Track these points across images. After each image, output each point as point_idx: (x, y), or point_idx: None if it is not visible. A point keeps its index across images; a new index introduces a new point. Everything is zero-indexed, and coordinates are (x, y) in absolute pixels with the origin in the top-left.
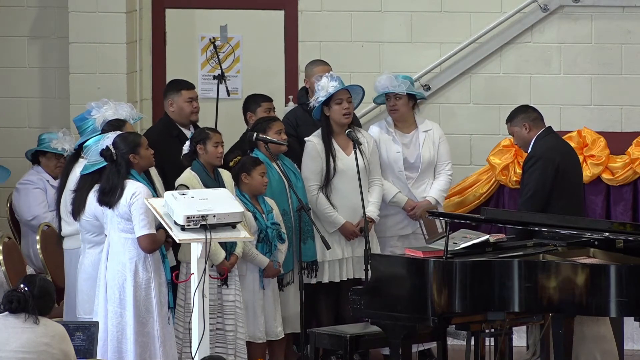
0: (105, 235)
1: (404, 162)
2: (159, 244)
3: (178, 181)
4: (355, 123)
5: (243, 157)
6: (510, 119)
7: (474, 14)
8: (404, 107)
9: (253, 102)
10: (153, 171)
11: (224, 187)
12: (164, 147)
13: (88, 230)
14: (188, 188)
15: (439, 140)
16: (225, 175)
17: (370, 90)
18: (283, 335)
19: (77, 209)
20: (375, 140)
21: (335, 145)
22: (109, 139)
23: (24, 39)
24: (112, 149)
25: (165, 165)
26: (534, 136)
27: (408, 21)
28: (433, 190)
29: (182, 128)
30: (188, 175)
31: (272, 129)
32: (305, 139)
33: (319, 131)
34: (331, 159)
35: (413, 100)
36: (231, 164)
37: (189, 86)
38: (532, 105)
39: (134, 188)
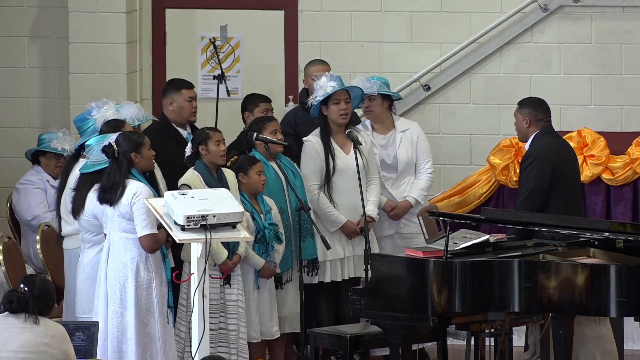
0: (105, 234)
1: (381, 163)
2: (161, 243)
3: (181, 181)
4: (353, 122)
5: (239, 157)
6: (521, 105)
7: (474, 14)
8: (378, 107)
9: (251, 102)
10: (158, 172)
11: (228, 186)
12: (160, 148)
13: (87, 229)
14: (191, 188)
15: (417, 139)
16: (229, 174)
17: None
18: (279, 335)
19: (77, 208)
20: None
21: (334, 144)
22: (112, 139)
23: (24, 39)
24: (115, 146)
25: (163, 166)
26: (532, 133)
27: (408, 21)
28: (413, 191)
29: (178, 128)
30: (191, 175)
31: (268, 129)
32: (304, 139)
33: (317, 130)
34: (330, 158)
35: (388, 101)
36: (228, 164)
37: (189, 85)
38: None
39: (135, 187)
